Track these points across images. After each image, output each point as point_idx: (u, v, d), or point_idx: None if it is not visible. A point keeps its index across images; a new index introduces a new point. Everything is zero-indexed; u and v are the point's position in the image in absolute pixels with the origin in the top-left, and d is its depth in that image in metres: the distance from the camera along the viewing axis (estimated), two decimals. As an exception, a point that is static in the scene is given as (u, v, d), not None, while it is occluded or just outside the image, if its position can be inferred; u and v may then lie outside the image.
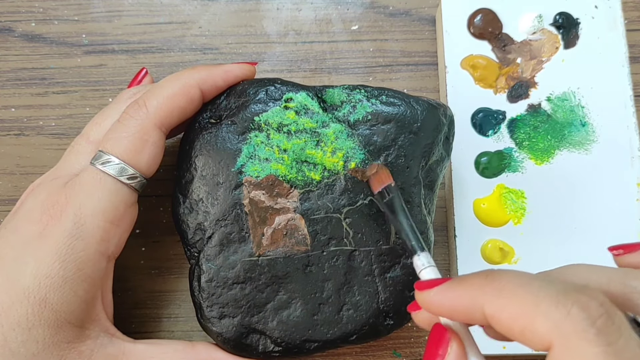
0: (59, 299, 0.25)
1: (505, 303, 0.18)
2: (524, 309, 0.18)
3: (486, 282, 0.20)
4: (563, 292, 0.18)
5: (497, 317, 0.19)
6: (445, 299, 0.21)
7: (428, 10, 0.40)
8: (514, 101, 0.37)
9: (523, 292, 0.18)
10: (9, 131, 0.37)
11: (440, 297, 0.21)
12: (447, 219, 0.36)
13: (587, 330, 0.16)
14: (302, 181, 0.29)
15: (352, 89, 0.30)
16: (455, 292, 0.21)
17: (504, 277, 0.19)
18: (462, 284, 0.21)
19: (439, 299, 0.21)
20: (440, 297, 0.21)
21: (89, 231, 0.26)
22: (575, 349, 0.17)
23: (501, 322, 0.19)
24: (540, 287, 0.18)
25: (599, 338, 0.16)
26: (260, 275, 0.29)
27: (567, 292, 0.18)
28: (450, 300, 0.21)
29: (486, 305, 0.19)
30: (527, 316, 0.18)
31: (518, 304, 0.18)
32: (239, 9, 0.39)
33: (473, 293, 0.20)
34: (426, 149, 0.30)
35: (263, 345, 0.29)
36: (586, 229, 0.35)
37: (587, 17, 0.37)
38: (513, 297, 0.18)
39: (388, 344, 0.35)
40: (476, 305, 0.19)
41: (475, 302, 0.20)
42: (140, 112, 0.28)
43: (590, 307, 0.17)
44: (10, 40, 0.38)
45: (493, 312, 0.19)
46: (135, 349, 0.28)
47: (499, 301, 0.19)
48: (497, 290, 0.19)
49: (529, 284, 0.18)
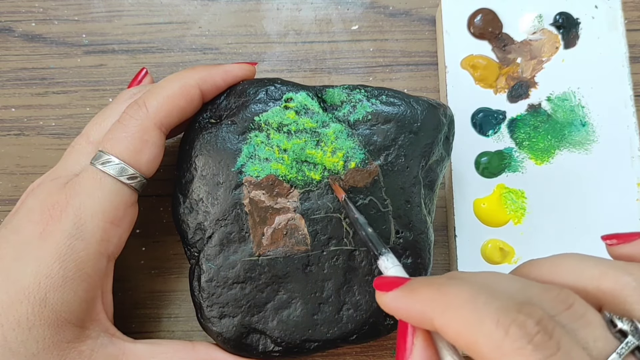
0: (59, 298, 0.25)
1: (451, 319, 0.19)
2: (467, 326, 0.18)
3: (437, 294, 0.20)
4: (505, 309, 0.18)
5: (445, 330, 0.19)
6: (399, 305, 0.21)
7: (428, 10, 0.40)
8: (514, 101, 0.37)
9: (468, 309, 0.18)
10: (9, 131, 0.37)
11: (395, 302, 0.21)
12: (447, 219, 0.36)
13: (524, 347, 0.17)
14: (302, 181, 0.29)
15: (352, 88, 0.30)
16: (407, 301, 0.21)
17: (453, 290, 0.19)
18: (413, 293, 0.21)
19: (394, 303, 0.21)
20: (395, 302, 0.21)
21: (89, 231, 0.26)
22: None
23: (448, 335, 0.19)
24: (485, 303, 0.18)
25: (536, 353, 0.17)
26: (260, 275, 0.29)
27: (509, 308, 0.18)
28: (404, 308, 0.21)
29: (434, 319, 0.19)
30: (470, 335, 0.18)
31: (462, 322, 0.18)
32: (239, 9, 0.39)
33: (422, 305, 0.20)
34: (426, 148, 0.30)
35: (263, 345, 0.29)
36: (586, 229, 0.35)
37: (587, 17, 0.37)
38: (458, 314, 0.19)
39: (388, 344, 0.35)
40: (426, 316, 0.20)
41: (425, 314, 0.20)
42: (140, 112, 0.28)
43: (527, 325, 0.17)
44: (10, 40, 0.38)
45: (441, 325, 0.19)
46: (135, 349, 0.28)
47: (445, 317, 0.19)
48: (445, 305, 0.19)
49: (475, 299, 0.19)
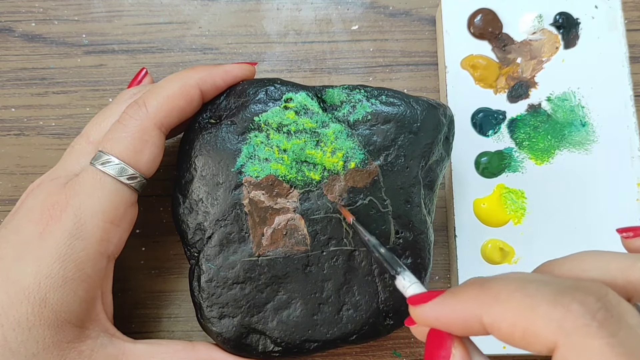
0: (59, 299, 0.25)
1: (503, 310, 0.18)
2: (523, 313, 0.18)
3: (481, 291, 0.19)
4: (559, 291, 0.17)
5: (497, 325, 0.18)
6: (441, 312, 0.20)
7: (428, 10, 0.40)
8: (514, 101, 0.37)
9: (520, 296, 0.18)
10: (9, 131, 0.37)
11: (435, 311, 0.21)
12: (447, 219, 0.36)
13: (589, 325, 0.16)
14: (302, 181, 0.29)
15: (352, 89, 0.30)
16: (451, 305, 0.20)
17: (498, 284, 0.19)
18: (456, 295, 0.20)
19: (434, 313, 0.21)
20: (435, 311, 0.21)
21: (89, 231, 0.26)
22: (580, 344, 0.16)
23: (501, 330, 0.18)
24: (537, 288, 0.18)
25: (601, 330, 0.16)
26: (260, 275, 0.29)
27: (564, 290, 0.17)
28: (447, 314, 0.20)
29: (484, 315, 0.19)
30: (527, 320, 0.17)
31: (516, 309, 0.18)
32: (239, 9, 0.39)
33: (469, 304, 0.19)
34: (426, 149, 0.30)
35: (263, 345, 0.29)
36: (586, 229, 0.35)
37: (587, 17, 0.37)
38: (510, 302, 0.18)
39: (388, 344, 0.35)
40: (473, 316, 0.19)
41: (472, 313, 0.19)
42: (140, 113, 0.28)
43: (588, 302, 0.17)
44: (10, 40, 0.38)
45: (492, 321, 0.19)
46: (135, 349, 0.28)
47: (497, 309, 0.18)
48: (493, 298, 0.19)
49: (525, 287, 0.18)
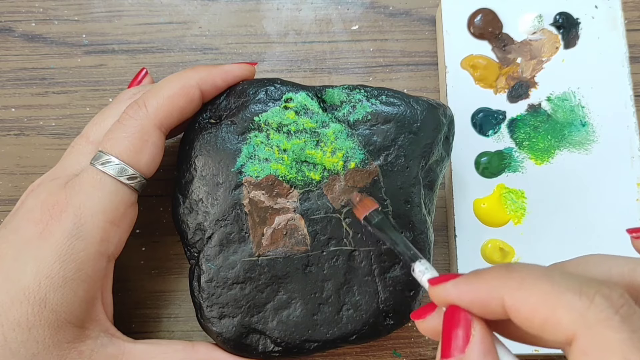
0: (59, 299, 0.25)
1: (526, 294, 0.18)
2: (546, 299, 0.18)
3: (507, 273, 0.19)
4: (585, 282, 0.18)
5: (518, 308, 0.18)
6: (463, 291, 0.20)
7: (428, 10, 0.40)
8: (514, 101, 0.37)
9: (545, 283, 0.18)
10: (9, 131, 0.37)
11: (457, 289, 0.21)
12: (447, 219, 0.36)
13: (611, 318, 0.17)
14: (302, 181, 0.29)
15: (352, 89, 0.30)
16: (474, 284, 0.20)
17: (524, 269, 0.19)
18: (480, 275, 0.20)
19: (456, 291, 0.21)
20: (457, 289, 0.21)
21: (89, 231, 0.26)
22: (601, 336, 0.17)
23: (521, 314, 0.18)
24: (562, 278, 0.18)
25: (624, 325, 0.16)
26: (260, 275, 0.29)
27: (589, 282, 0.18)
28: (468, 292, 0.20)
29: (506, 297, 0.19)
30: (550, 307, 0.18)
31: (540, 295, 0.18)
32: (239, 9, 0.39)
33: (493, 284, 0.19)
34: (426, 149, 0.30)
35: (263, 345, 0.29)
36: (586, 229, 0.35)
37: (587, 17, 0.37)
38: (535, 288, 0.18)
39: (388, 344, 0.35)
40: (496, 297, 0.19)
41: (495, 294, 0.19)
42: (140, 113, 0.28)
43: (612, 296, 0.17)
44: (10, 40, 0.38)
45: (513, 304, 0.19)
46: (135, 349, 0.28)
47: (520, 292, 0.18)
48: (518, 281, 0.19)
49: (551, 275, 0.18)
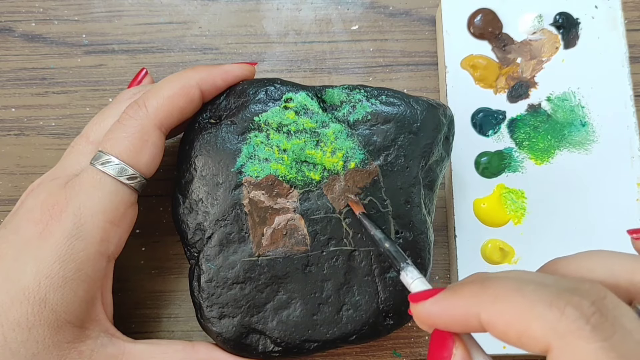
0: (59, 299, 0.25)
1: (500, 309, 0.18)
2: (519, 314, 0.18)
3: (481, 290, 0.19)
4: (556, 293, 0.18)
5: (493, 323, 0.19)
6: (441, 309, 0.21)
7: (428, 10, 0.40)
8: (514, 101, 0.37)
9: (517, 297, 0.18)
10: (9, 131, 0.37)
11: (435, 308, 0.21)
12: (447, 219, 0.36)
13: (582, 328, 0.17)
14: (302, 181, 0.29)
15: (352, 89, 0.30)
16: (450, 302, 0.20)
17: (497, 283, 0.19)
18: (456, 292, 0.20)
19: (435, 310, 0.21)
20: (435, 308, 0.21)
21: (89, 231, 0.26)
22: (573, 347, 0.17)
23: (497, 328, 0.19)
24: (534, 290, 0.18)
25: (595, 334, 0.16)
26: (259, 275, 0.29)
27: (560, 293, 0.18)
28: (446, 311, 0.21)
29: (482, 313, 0.19)
30: (523, 321, 0.18)
31: (513, 309, 0.18)
32: (239, 9, 0.39)
33: (468, 301, 0.20)
34: (426, 149, 0.30)
35: (263, 345, 0.29)
36: (586, 229, 0.35)
37: (587, 17, 0.37)
38: (508, 302, 0.18)
39: (388, 344, 0.35)
40: (472, 313, 0.19)
41: (471, 311, 0.19)
42: (140, 113, 0.28)
43: (582, 306, 0.17)
44: (10, 40, 0.38)
45: (489, 319, 0.19)
46: (135, 349, 0.28)
47: (494, 308, 0.19)
48: (492, 296, 0.19)
49: (523, 288, 0.18)
